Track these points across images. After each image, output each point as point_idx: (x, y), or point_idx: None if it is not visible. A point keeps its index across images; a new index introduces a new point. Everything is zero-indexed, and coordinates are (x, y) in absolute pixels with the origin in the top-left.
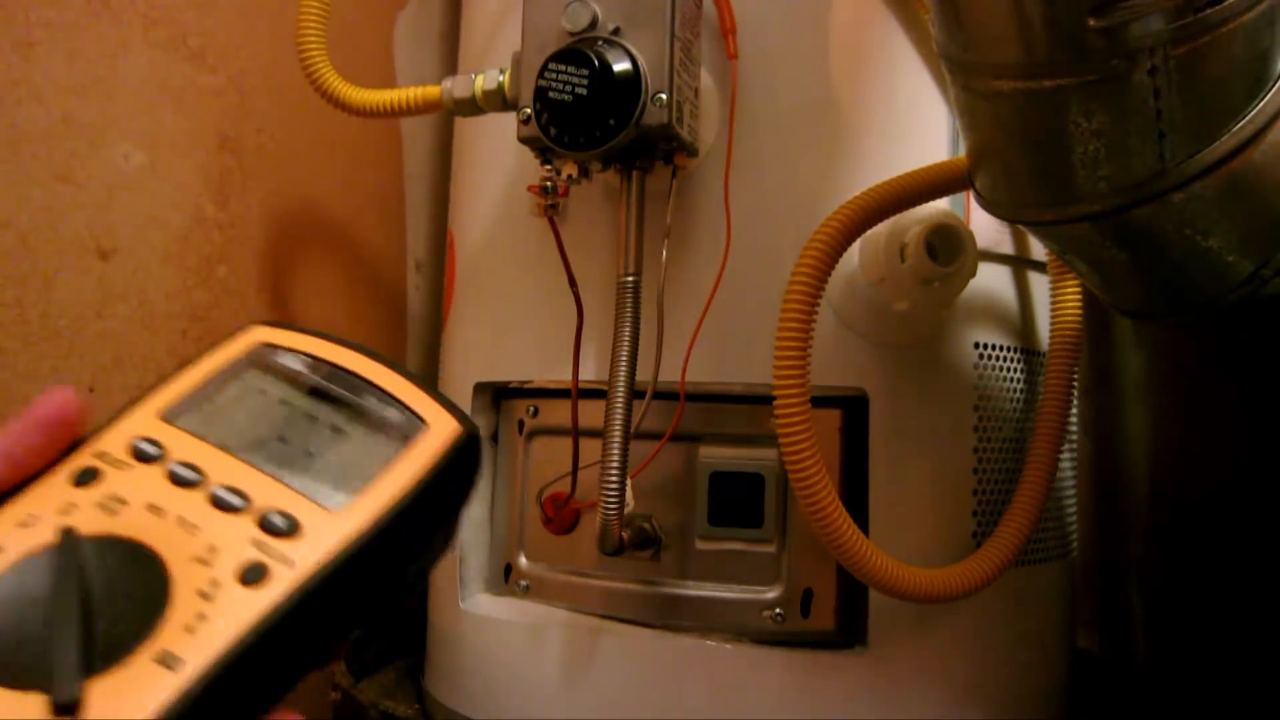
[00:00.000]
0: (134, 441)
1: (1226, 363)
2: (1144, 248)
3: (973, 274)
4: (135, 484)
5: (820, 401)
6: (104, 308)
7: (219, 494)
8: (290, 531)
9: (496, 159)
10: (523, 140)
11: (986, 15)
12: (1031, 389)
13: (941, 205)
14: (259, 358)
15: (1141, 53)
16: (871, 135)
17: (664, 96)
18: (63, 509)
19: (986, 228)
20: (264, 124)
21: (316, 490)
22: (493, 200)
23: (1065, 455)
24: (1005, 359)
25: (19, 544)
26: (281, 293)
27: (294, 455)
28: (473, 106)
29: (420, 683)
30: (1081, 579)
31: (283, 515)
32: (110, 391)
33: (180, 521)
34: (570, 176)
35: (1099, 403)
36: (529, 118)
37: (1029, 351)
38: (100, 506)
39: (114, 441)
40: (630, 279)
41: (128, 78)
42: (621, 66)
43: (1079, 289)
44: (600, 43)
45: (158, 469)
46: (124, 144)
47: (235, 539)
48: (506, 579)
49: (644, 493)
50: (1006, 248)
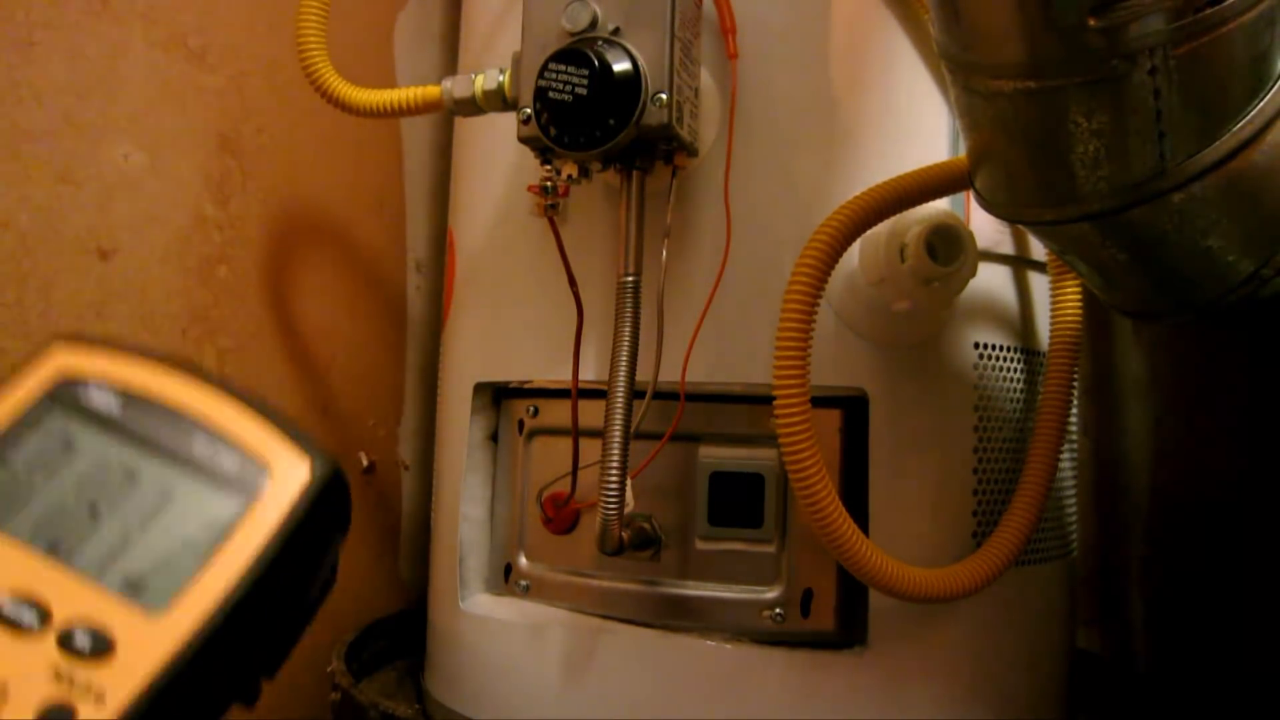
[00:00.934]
0: None
1: (1226, 363)
2: (1144, 248)
3: (973, 274)
4: None
5: (820, 401)
6: (104, 308)
7: (7, 610)
8: (100, 652)
9: (496, 159)
10: (523, 140)
11: (986, 15)
12: (1031, 389)
13: (941, 205)
14: (62, 395)
15: (1141, 53)
16: (871, 135)
17: (664, 96)
18: None
19: (986, 228)
20: (264, 124)
21: (136, 586)
22: (493, 200)
23: (1065, 455)
24: (1005, 359)
25: None
26: (281, 293)
27: (108, 536)
28: (473, 106)
29: (420, 683)
30: (1081, 579)
31: (90, 632)
32: None
33: None
34: (570, 176)
35: (1099, 403)
36: (529, 118)
37: (1029, 351)
38: None
39: None
40: (630, 279)
41: (128, 78)
42: (621, 66)
43: (1079, 289)
44: (600, 43)
45: None
46: (124, 144)
47: (32, 671)
48: (506, 579)
49: (644, 493)
50: (1006, 248)
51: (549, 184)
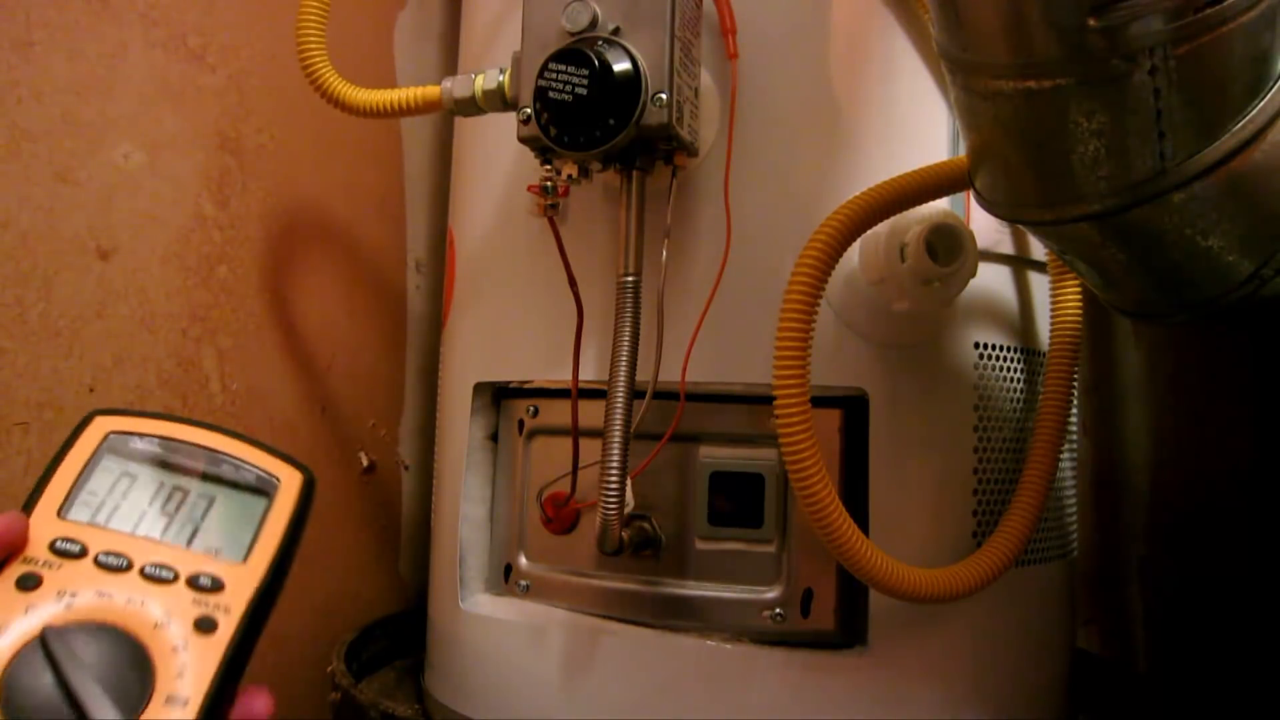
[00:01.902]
0: (54, 541)
1: (1226, 363)
2: (1144, 248)
3: (973, 274)
4: (75, 578)
5: (820, 401)
6: (104, 308)
7: (150, 571)
8: (217, 586)
9: (496, 159)
10: (523, 140)
11: (986, 15)
12: (1031, 389)
13: (941, 205)
14: (114, 445)
15: (1141, 53)
16: (871, 135)
17: (664, 96)
18: (25, 610)
19: (986, 228)
20: (264, 124)
21: (218, 550)
22: (493, 200)
23: (1065, 455)
24: (1005, 359)
25: (6, 645)
26: (281, 293)
27: (184, 525)
28: (473, 106)
29: (420, 683)
30: (1081, 579)
31: (208, 576)
32: (110, 391)
33: (130, 599)
34: (570, 176)
35: (1099, 403)
36: (529, 118)
37: (1029, 351)
38: (58, 602)
39: (34, 546)
40: (630, 279)
41: (128, 78)
42: (621, 66)
43: (1079, 289)
44: (600, 43)
45: (86, 561)
46: (124, 144)
47: (179, 603)
48: (506, 579)
49: (644, 493)
50: (1006, 248)
51: (549, 184)
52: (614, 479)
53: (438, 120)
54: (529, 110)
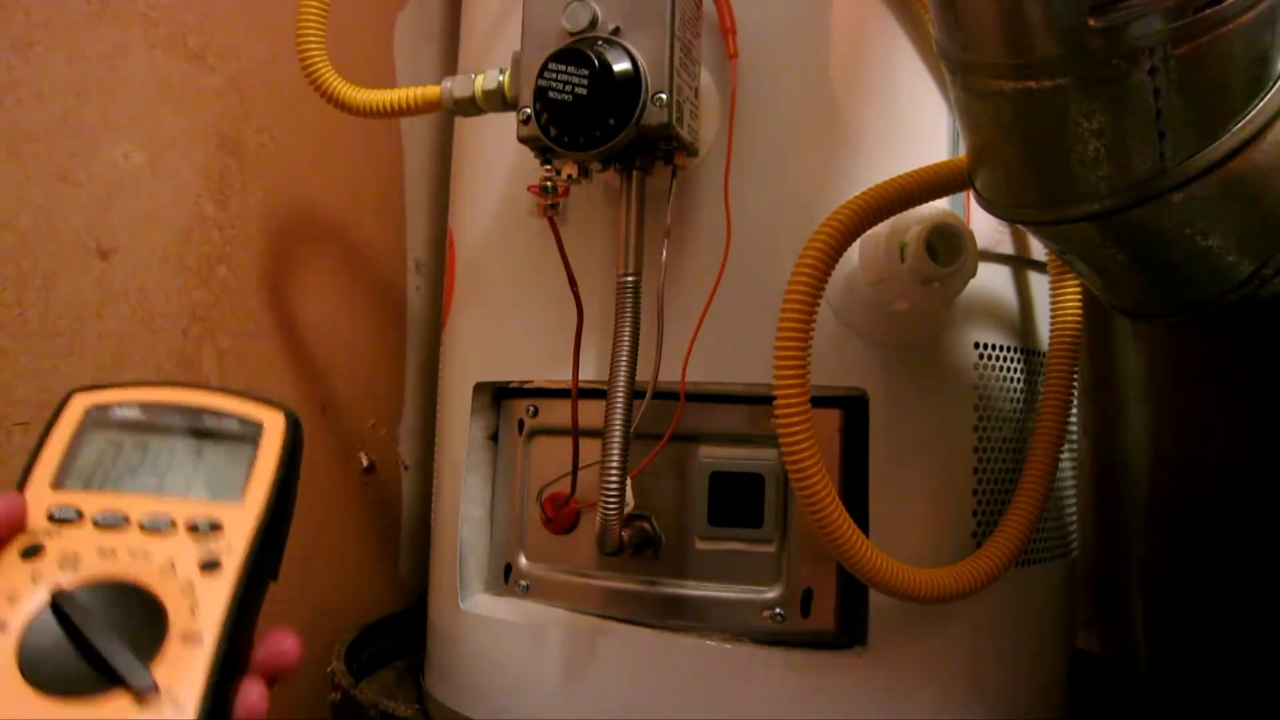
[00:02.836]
0: (50, 510)
1: (1226, 363)
2: (1144, 248)
3: (973, 274)
4: (76, 541)
5: (820, 401)
6: (104, 308)
7: (148, 524)
8: (216, 528)
9: (496, 159)
10: (522, 140)
11: (986, 15)
12: (1031, 389)
13: (941, 205)
14: (95, 418)
15: (1141, 53)
16: (871, 135)
17: (664, 96)
18: (32, 578)
19: (986, 228)
20: (264, 124)
21: (215, 494)
22: (493, 200)
23: (1065, 455)
24: (1005, 359)
25: (18, 614)
26: (281, 293)
27: (177, 476)
28: (473, 106)
29: (420, 683)
30: (1081, 579)
31: (205, 520)
32: None
33: (132, 552)
34: (570, 176)
35: (1099, 403)
36: (529, 118)
37: (1029, 351)
38: (63, 566)
39: (33, 519)
40: (630, 279)
41: (128, 78)
42: (621, 66)
43: (1079, 289)
44: (600, 42)
45: (85, 524)
46: (124, 144)
47: (182, 549)
48: (506, 579)
49: (644, 493)
50: (1006, 248)
51: (549, 184)
52: (614, 479)
53: (438, 120)
54: (529, 110)
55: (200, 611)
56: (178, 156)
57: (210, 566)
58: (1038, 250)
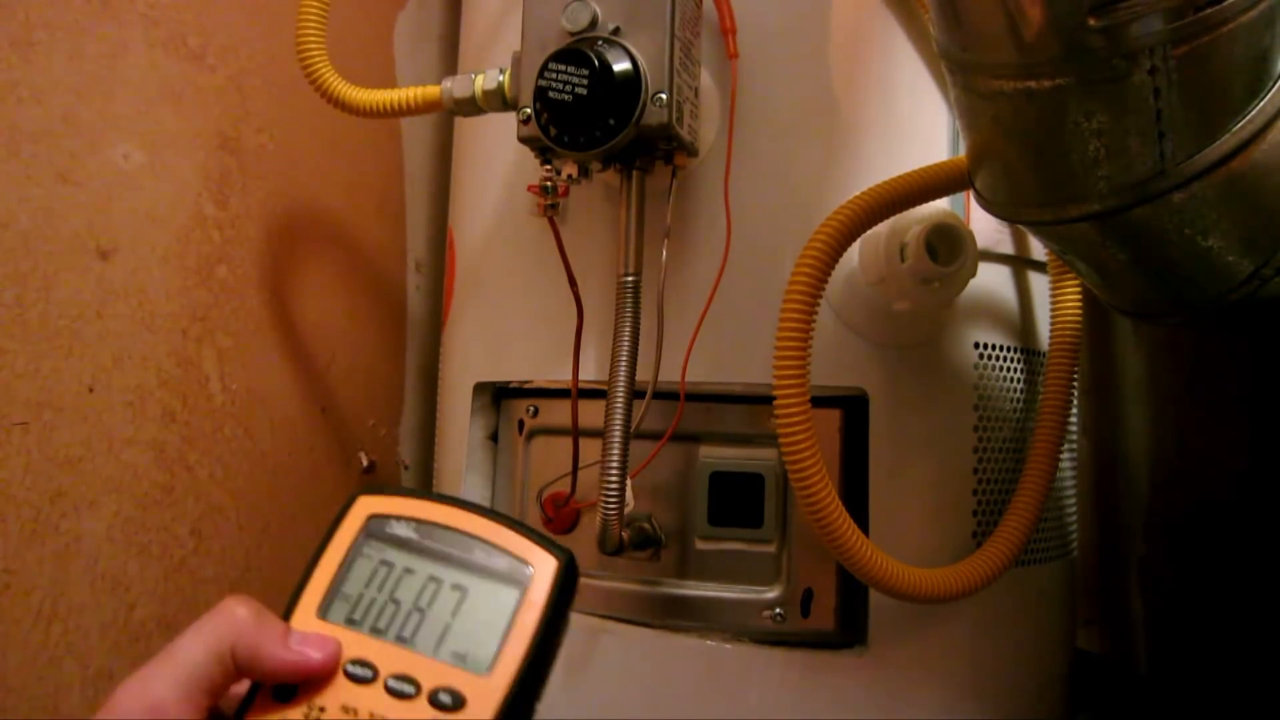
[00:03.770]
0: None
1: (1226, 363)
2: (1144, 248)
3: (973, 274)
4: (325, 690)
5: (820, 401)
6: (104, 308)
7: (393, 685)
8: (458, 705)
9: (496, 159)
10: (523, 140)
11: (986, 15)
12: (1031, 389)
13: (941, 205)
14: (373, 530)
15: (1141, 53)
16: (871, 135)
17: (664, 96)
18: None
19: (986, 228)
20: (264, 124)
21: (464, 656)
22: (493, 200)
23: (1065, 455)
24: (1005, 359)
25: None
26: (281, 293)
27: (433, 625)
28: (473, 106)
29: None
30: (1081, 579)
31: (448, 692)
32: (110, 391)
33: (372, 715)
34: (570, 176)
35: (1099, 403)
36: (529, 118)
37: (1029, 351)
38: (307, 717)
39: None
40: (630, 279)
41: (128, 78)
42: (621, 66)
43: (1079, 289)
44: (600, 42)
45: (337, 674)
46: (124, 144)
47: None
48: None
49: (644, 493)
50: (1006, 248)
51: (549, 184)
52: (614, 479)
53: (438, 120)
54: (529, 110)
55: None
56: (178, 156)
57: None
58: (1038, 250)
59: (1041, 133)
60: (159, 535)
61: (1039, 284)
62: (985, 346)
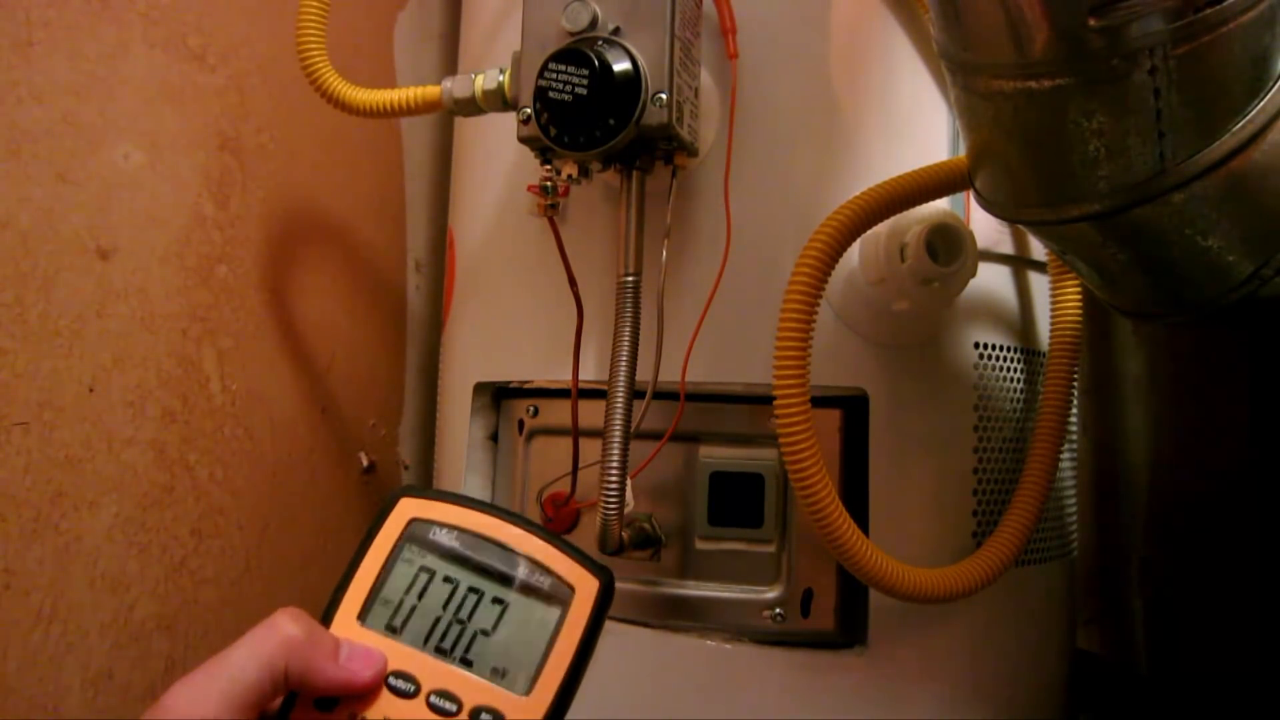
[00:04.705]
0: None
1: (1226, 363)
2: (1144, 248)
3: (973, 274)
4: (367, 700)
5: (820, 401)
6: (104, 308)
7: (435, 702)
8: None
9: (496, 159)
10: (522, 140)
11: (986, 15)
12: (1031, 389)
13: (941, 205)
14: (415, 534)
15: (1141, 53)
16: (871, 135)
17: (664, 96)
18: None
19: (986, 228)
20: (264, 124)
21: (503, 674)
22: (493, 200)
23: (1065, 455)
24: (1005, 359)
25: None
26: (281, 293)
27: (473, 638)
28: (473, 106)
29: None
30: (1081, 579)
31: (489, 712)
32: (110, 391)
33: None
34: (570, 176)
35: (1099, 403)
36: (529, 118)
37: (1029, 351)
38: None
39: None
40: (630, 279)
41: (128, 78)
42: (621, 66)
43: (1079, 289)
44: (600, 42)
45: (379, 685)
46: (124, 144)
47: None
48: None
49: (644, 493)
50: (1006, 248)
51: (549, 184)
52: (614, 479)
53: (438, 120)
54: (529, 110)
55: None
56: (178, 156)
57: None
58: (1038, 250)
59: (1041, 133)
60: (159, 535)
61: (1039, 284)
62: (985, 346)
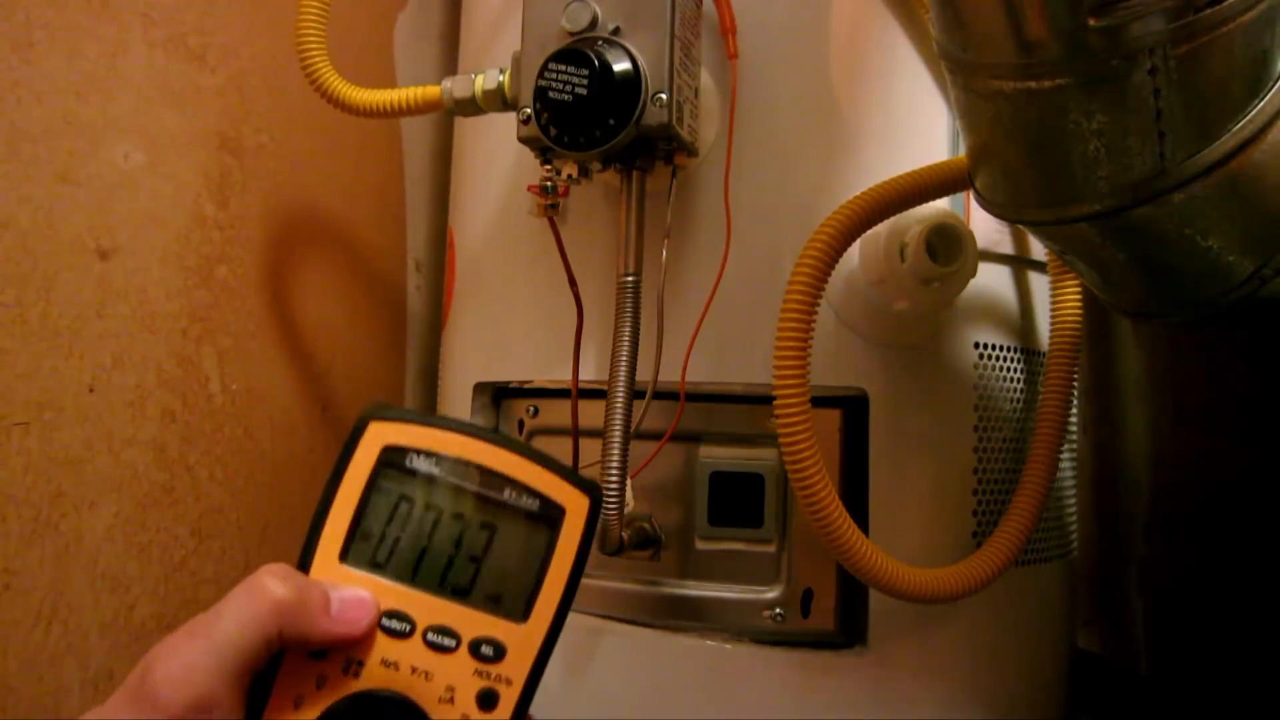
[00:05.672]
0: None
1: (1226, 362)
2: (1144, 248)
3: (973, 274)
4: (360, 644)
5: (820, 401)
6: (104, 308)
7: (432, 639)
8: (499, 656)
9: (496, 159)
10: (523, 140)
11: (986, 15)
12: (1031, 389)
13: (941, 205)
14: (390, 460)
15: (1141, 53)
16: (871, 135)
17: (664, 96)
18: (317, 683)
19: (986, 228)
20: (264, 124)
21: (497, 600)
22: (493, 200)
23: (1065, 455)
24: (1005, 359)
25: None
26: (281, 293)
27: (464, 569)
28: (473, 106)
29: None
30: (1081, 579)
31: (489, 643)
32: (110, 391)
33: (413, 670)
34: (570, 176)
35: (1099, 403)
36: (529, 118)
37: (1029, 351)
38: (347, 671)
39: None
40: (630, 279)
41: (128, 78)
42: (621, 66)
43: (1079, 289)
44: (600, 43)
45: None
46: (124, 144)
47: (462, 675)
48: None
49: (644, 493)
50: (1006, 248)
51: (549, 184)
52: (614, 479)
53: (438, 120)
54: (529, 110)
55: None
56: (178, 156)
57: (488, 703)
58: (1038, 250)
59: (1041, 133)
60: (159, 535)
61: (1039, 284)
62: (985, 346)
